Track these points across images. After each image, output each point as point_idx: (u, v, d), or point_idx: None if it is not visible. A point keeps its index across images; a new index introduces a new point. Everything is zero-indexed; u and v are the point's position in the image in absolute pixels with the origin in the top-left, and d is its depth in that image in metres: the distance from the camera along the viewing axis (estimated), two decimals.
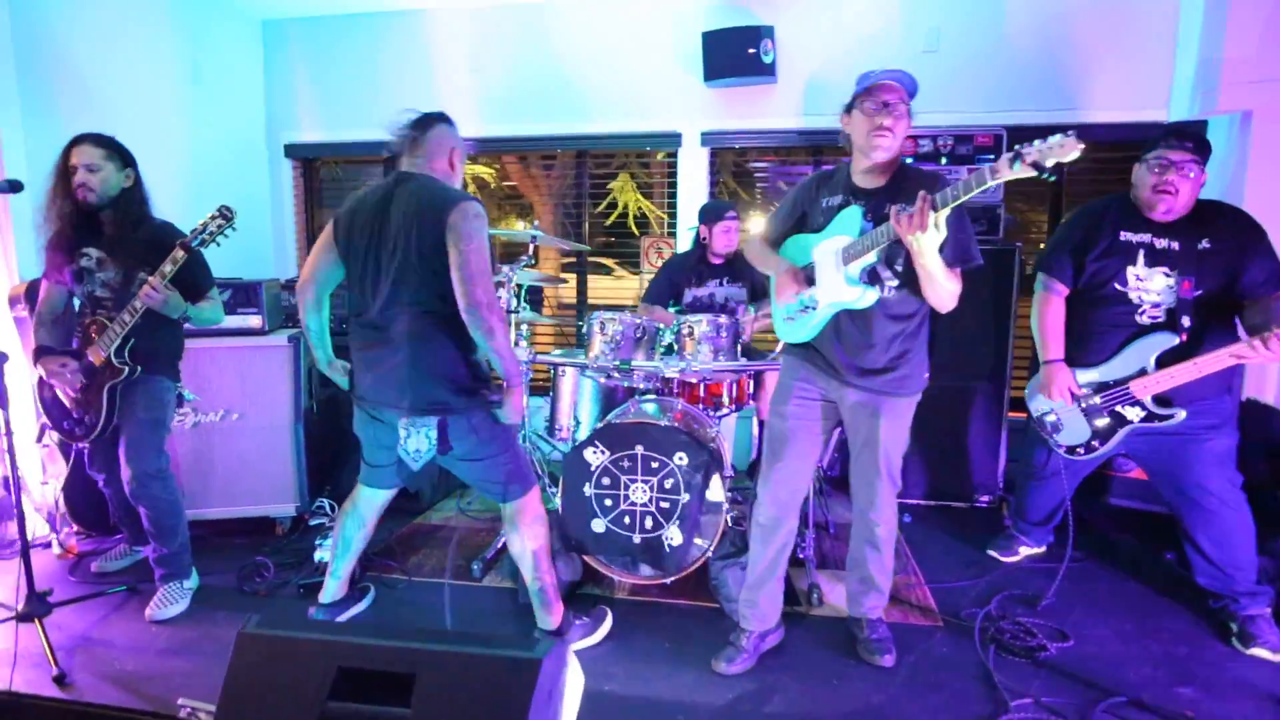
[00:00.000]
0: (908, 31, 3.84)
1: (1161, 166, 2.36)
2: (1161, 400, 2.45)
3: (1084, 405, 2.56)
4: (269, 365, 3.18)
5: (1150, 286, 2.44)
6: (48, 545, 3.07)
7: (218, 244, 2.47)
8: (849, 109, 2.11)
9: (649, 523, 2.72)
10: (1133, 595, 2.77)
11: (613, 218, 5.43)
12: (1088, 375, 2.56)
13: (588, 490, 2.75)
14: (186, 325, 2.67)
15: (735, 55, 3.83)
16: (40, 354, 2.50)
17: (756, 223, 4.46)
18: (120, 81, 3.59)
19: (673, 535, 2.70)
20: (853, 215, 2.07)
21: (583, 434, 3.28)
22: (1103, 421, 2.55)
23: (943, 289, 2.00)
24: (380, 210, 2.13)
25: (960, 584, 2.84)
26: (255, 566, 2.81)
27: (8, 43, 3.09)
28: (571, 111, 4.25)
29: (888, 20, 3.86)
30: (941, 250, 1.99)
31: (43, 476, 3.10)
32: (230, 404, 3.15)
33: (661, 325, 3.13)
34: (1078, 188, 4.02)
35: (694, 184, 4.23)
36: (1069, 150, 1.60)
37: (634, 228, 5.23)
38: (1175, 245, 2.40)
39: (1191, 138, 2.38)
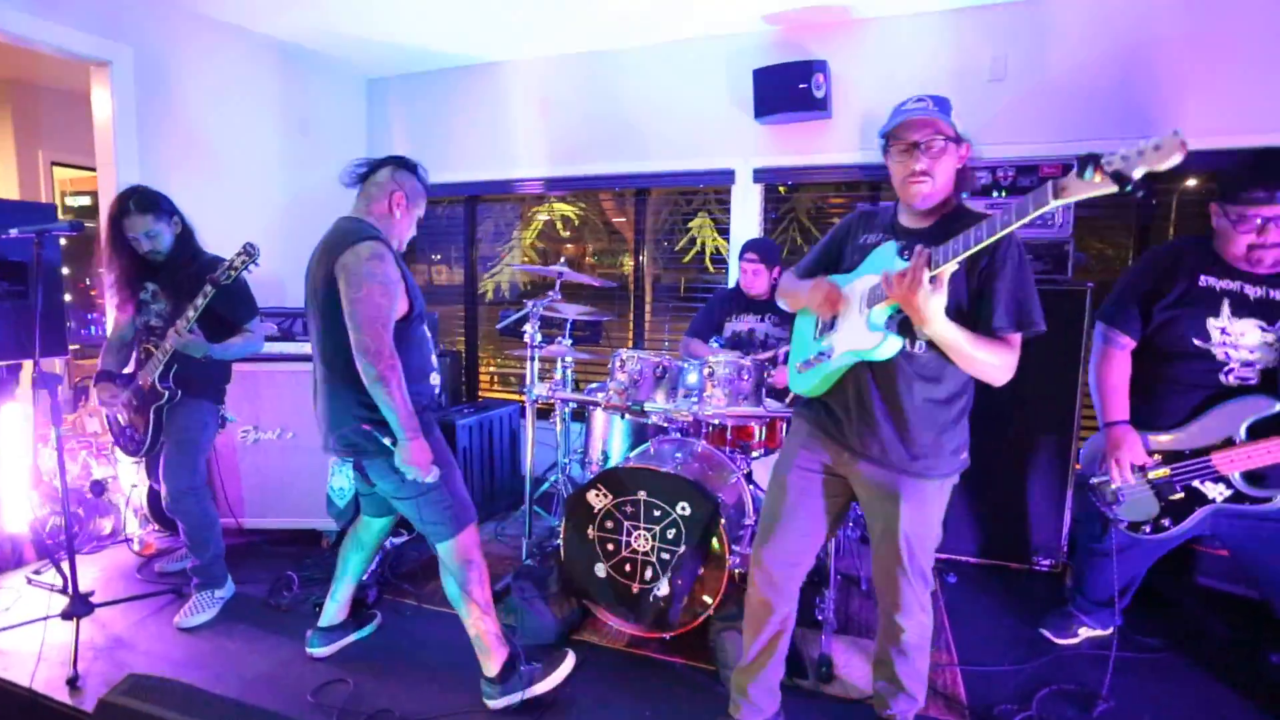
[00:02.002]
0: (970, 60, 3.23)
1: (1255, 227, 1.72)
2: (1255, 478, 1.78)
3: (1151, 476, 1.91)
4: None
5: (1242, 342, 1.78)
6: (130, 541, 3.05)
7: (245, 275, 2.33)
8: (885, 150, 1.62)
9: (649, 573, 2.31)
10: (1221, 703, 2.05)
11: (690, 255, 5.04)
12: (1159, 440, 1.91)
13: (591, 533, 2.37)
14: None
15: (785, 91, 3.36)
16: (99, 378, 2.45)
17: None
18: (231, 134, 3.62)
19: (662, 588, 2.28)
20: (886, 253, 1.56)
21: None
22: (1175, 497, 1.89)
23: (974, 360, 1.47)
24: (314, 256, 1.90)
25: (1001, 669, 2.21)
26: (283, 580, 2.64)
27: (131, 101, 3.14)
28: (631, 151, 3.92)
29: (948, 49, 3.26)
30: (983, 311, 1.49)
31: (135, 480, 3.11)
32: (286, 423, 3.03)
33: (686, 364, 2.71)
34: (1180, 223, 3.20)
35: (746, 220, 3.77)
36: (1167, 154, 1.06)
37: (710, 265, 4.81)
38: (1277, 295, 1.74)
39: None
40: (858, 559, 2.89)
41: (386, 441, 1.84)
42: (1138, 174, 1.09)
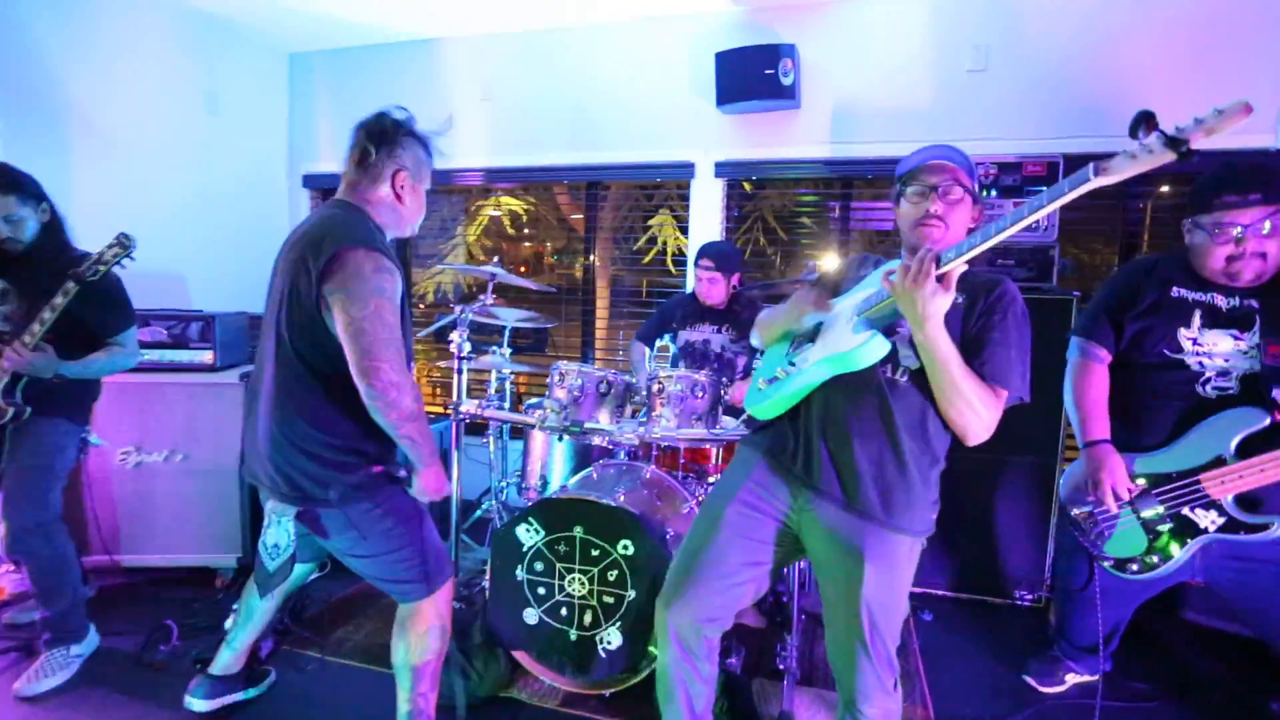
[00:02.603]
0: (950, 48, 3.08)
1: (1231, 238, 1.66)
2: (1247, 502, 1.65)
3: (1137, 505, 1.76)
4: (218, 404, 2.72)
5: (1215, 350, 1.71)
6: None
7: (117, 272, 2.03)
8: (896, 199, 1.51)
9: (588, 618, 2.07)
10: None
11: (650, 255, 4.82)
12: (1144, 464, 1.77)
13: (519, 574, 2.13)
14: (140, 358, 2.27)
15: (751, 77, 3.17)
16: None
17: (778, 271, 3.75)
18: (120, 110, 3.27)
19: (610, 638, 2.04)
20: (878, 272, 1.44)
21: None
22: (1164, 528, 1.75)
23: (958, 392, 1.32)
24: (290, 248, 1.60)
25: None
26: (160, 631, 2.32)
27: None
28: (581, 141, 3.69)
29: (927, 36, 3.11)
30: (972, 357, 1.38)
31: None
32: (176, 444, 2.70)
33: (633, 379, 2.49)
34: (1161, 228, 3.10)
35: (707, 219, 3.57)
36: (1232, 116, 1.00)
37: (672, 267, 4.60)
38: (1253, 303, 1.68)
39: (1255, 179, 1.64)
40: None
41: (331, 494, 1.56)
42: (1198, 138, 1.02)
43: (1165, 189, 3.06)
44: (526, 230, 4.37)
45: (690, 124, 3.48)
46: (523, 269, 4.59)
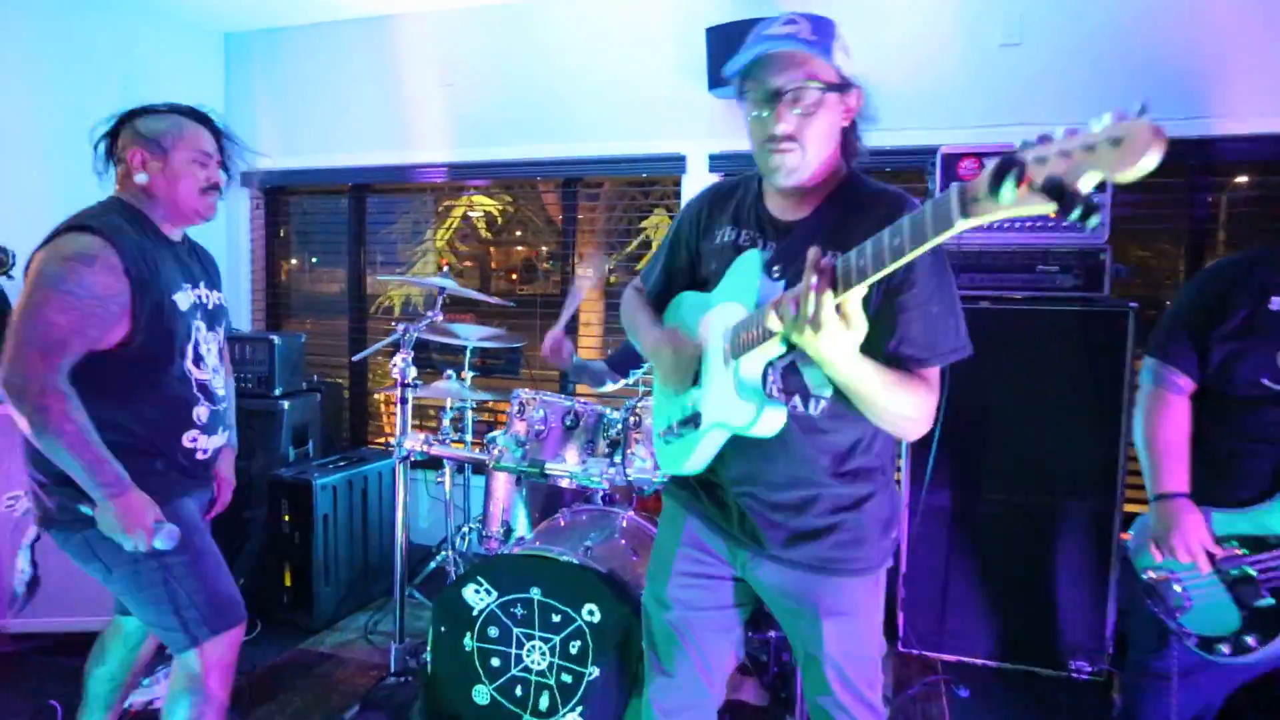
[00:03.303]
0: (978, 20, 3.02)
1: None
2: None
3: (1226, 573, 1.65)
4: None
5: None
6: None
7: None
8: (738, 93, 1.30)
9: (545, 701, 1.97)
10: None
11: (644, 261, 4.77)
12: (1232, 522, 1.66)
13: (468, 643, 2.04)
14: None
15: None
16: None
17: None
18: (20, 101, 3.25)
19: None
20: (749, 267, 1.26)
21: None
22: (1262, 604, 1.62)
23: (883, 412, 1.19)
24: None
25: None
26: (43, 712, 2.24)
27: None
28: (556, 132, 3.64)
29: (951, 7, 3.06)
30: (884, 333, 1.21)
31: None
32: None
33: (609, 411, 2.41)
34: (1238, 224, 3.01)
35: None
36: (1134, 151, 0.71)
37: None
38: None
39: None
40: None
41: (84, 508, 1.53)
42: (1086, 183, 0.76)
43: (1242, 179, 2.98)
44: (512, 234, 4.30)
45: (679, 111, 3.43)
46: (513, 276, 4.53)
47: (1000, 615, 2.71)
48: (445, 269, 2.65)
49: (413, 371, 2.43)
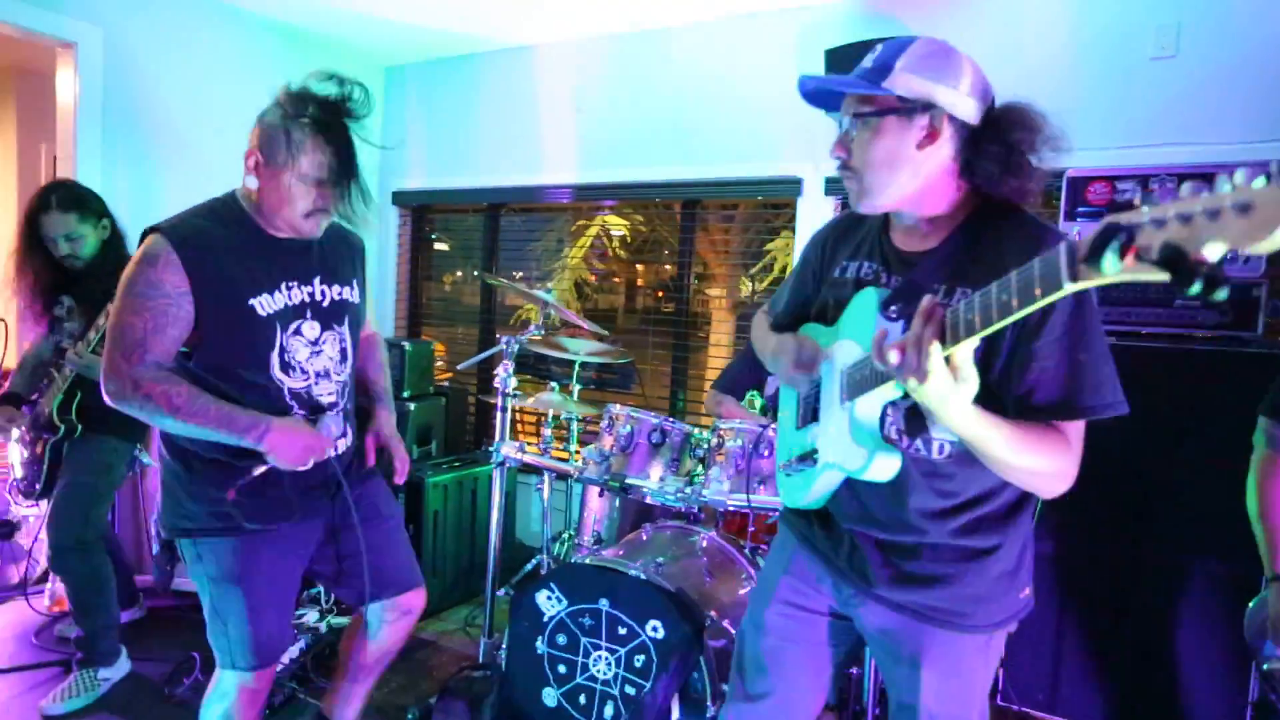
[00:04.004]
0: (1126, 31, 2.77)
1: None
2: None
3: None
4: None
5: None
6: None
7: None
8: None
9: (609, 710, 2.00)
10: None
11: (765, 283, 4.73)
12: None
13: (540, 647, 2.10)
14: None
15: None
16: (1, 399, 2.46)
17: None
18: (217, 125, 3.70)
19: None
20: (866, 306, 1.19)
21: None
22: None
23: (1012, 469, 1.10)
24: None
25: None
26: (184, 664, 2.52)
27: (97, 87, 3.26)
28: (676, 154, 3.69)
29: (1095, 16, 2.83)
30: (1014, 383, 1.12)
31: None
32: None
33: (696, 431, 2.41)
34: None
35: None
36: (1266, 224, 0.61)
37: None
38: None
39: None
40: None
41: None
42: (1211, 254, 0.65)
43: None
44: (653, 253, 4.37)
45: (797, 134, 3.38)
46: (660, 294, 4.61)
47: (1117, 679, 2.45)
48: (550, 286, 2.74)
49: (513, 382, 2.54)
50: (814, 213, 3.41)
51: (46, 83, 3.33)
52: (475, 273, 4.53)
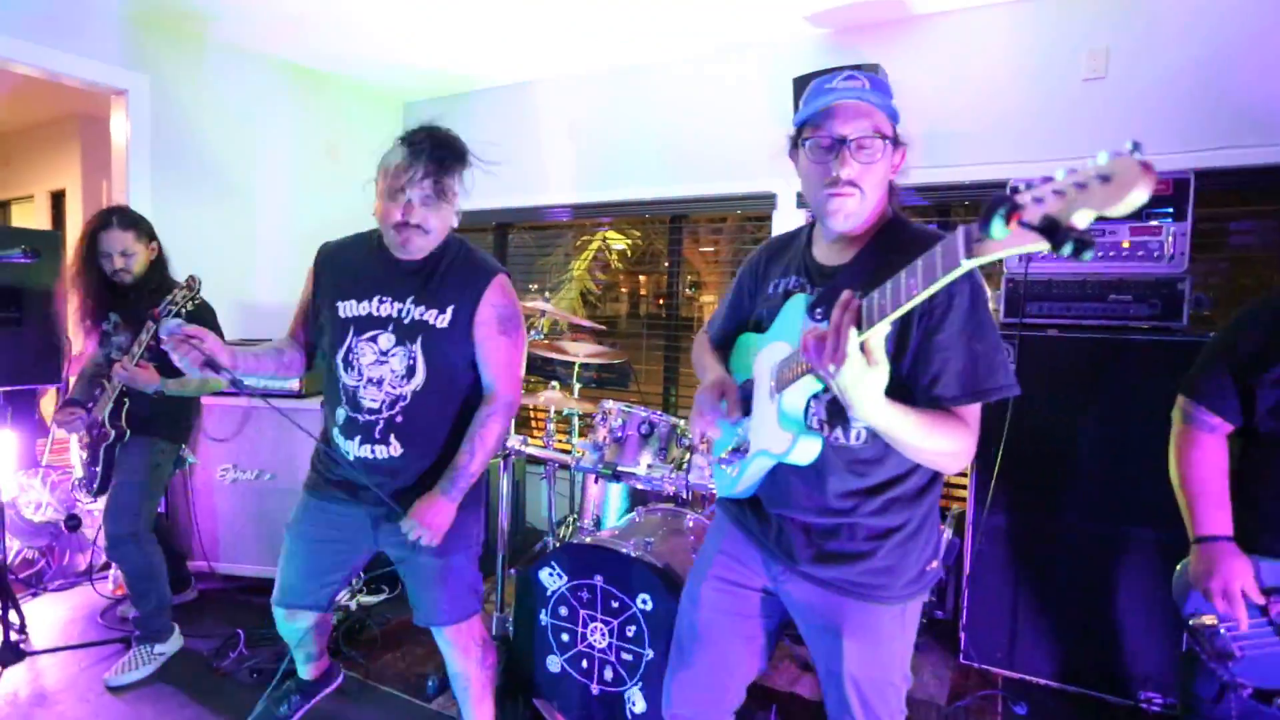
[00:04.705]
0: (1061, 55, 2.74)
1: None
2: None
3: (1277, 621, 1.39)
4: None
5: None
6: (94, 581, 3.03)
7: (184, 313, 2.25)
8: (795, 142, 1.27)
9: (609, 674, 1.97)
10: None
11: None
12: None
13: (543, 619, 2.07)
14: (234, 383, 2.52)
15: None
16: (64, 404, 2.44)
17: None
18: (250, 160, 3.69)
19: (635, 699, 1.93)
20: (795, 310, 1.22)
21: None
22: None
23: (921, 452, 1.10)
24: None
25: None
26: (230, 640, 2.50)
27: (145, 128, 3.25)
28: (663, 174, 3.66)
29: (1033, 43, 2.79)
30: (921, 373, 1.13)
31: None
32: (266, 464, 2.95)
33: (680, 424, 2.38)
34: None
35: None
36: (1123, 187, 0.66)
37: None
38: None
39: None
40: None
41: None
42: (1080, 219, 0.70)
43: None
44: (644, 264, 4.34)
45: (770, 153, 3.34)
46: (661, 300, 4.58)
47: (1066, 638, 2.42)
48: (547, 295, 2.71)
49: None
50: (788, 224, 3.37)
51: (105, 127, 3.32)
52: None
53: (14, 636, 2.22)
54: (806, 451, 1.14)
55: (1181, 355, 2.21)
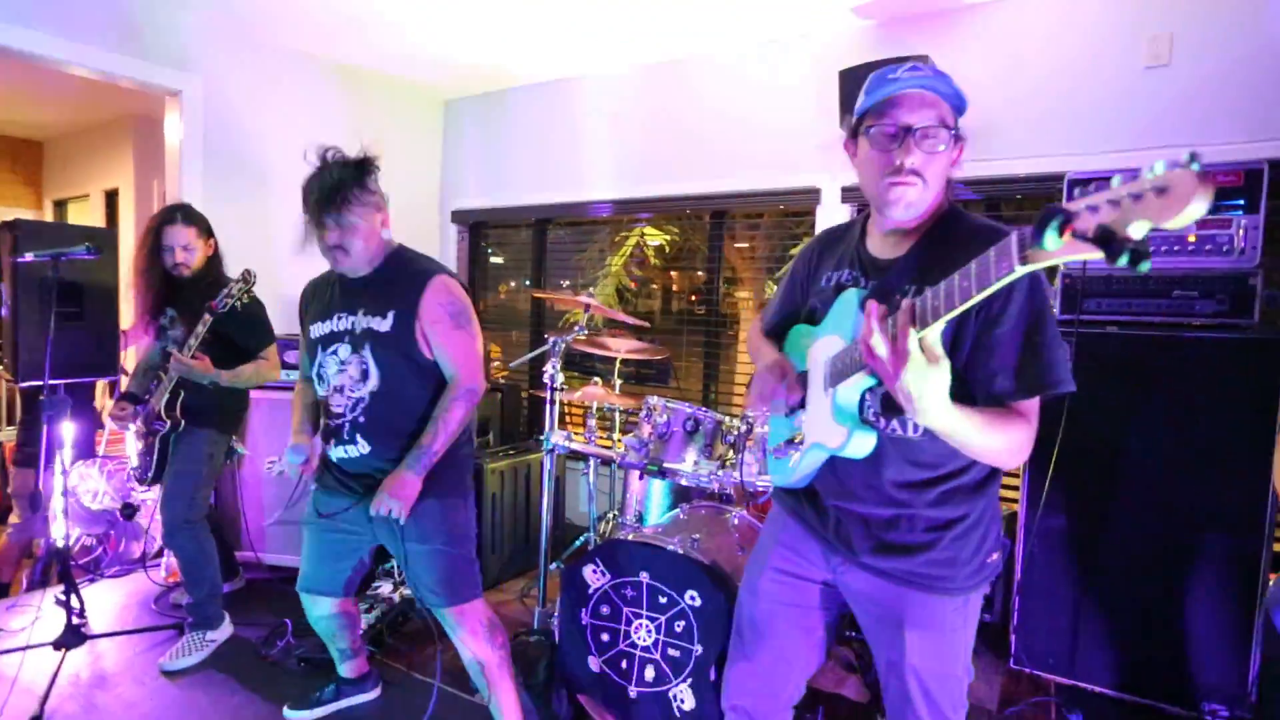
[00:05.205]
0: (1120, 42, 2.66)
1: None
2: None
3: None
4: None
5: None
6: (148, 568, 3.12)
7: (240, 306, 2.32)
8: (854, 133, 1.26)
9: (650, 673, 1.99)
10: None
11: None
12: None
13: (584, 618, 2.09)
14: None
15: None
16: (119, 397, 2.54)
17: None
18: (295, 159, 3.76)
19: (683, 696, 1.94)
20: (848, 304, 1.22)
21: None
22: None
23: (979, 451, 1.09)
24: None
25: None
26: (278, 628, 2.57)
27: (198, 128, 3.36)
28: (705, 170, 3.66)
29: (1091, 29, 2.72)
30: (980, 369, 1.13)
31: None
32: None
33: (725, 420, 2.38)
34: None
35: None
36: (1178, 199, 0.66)
37: None
38: None
39: None
40: None
41: None
42: (1136, 230, 0.69)
43: None
44: (682, 260, 4.34)
45: (814, 147, 3.32)
46: (694, 297, 4.59)
47: (1125, 645, 2.35)
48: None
49: (560, 377, 2.54)
50: (832, 219, 3.34)
51: (157, 127, 3.45)
52: (526, 282, 4.56)
53: (75, 621, 2.31)
54: (861, 445, 1.16)
55: (1251, 354, 2.14)
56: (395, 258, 1.92)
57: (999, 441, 1.08)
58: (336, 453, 1.85)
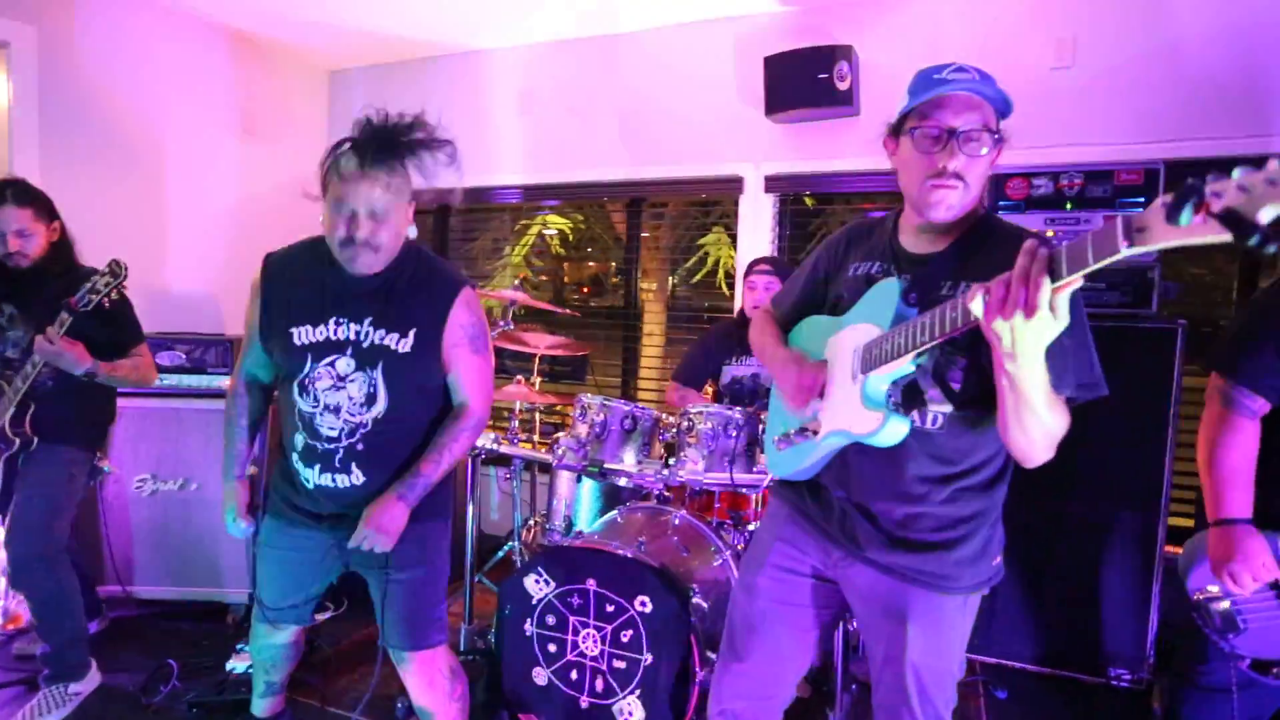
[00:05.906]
0: (1028, 43, 2.87)
1: None
2: None
3: None
4: None
5: None
6: None
7: (107, 303, 2.05)
8: (895, 131, 1.28)
9: (599, 684, 1.94)
10: None
11: (700, 275, 4.70)
12: None
13: (528, 629, 2.01)
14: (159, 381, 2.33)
15: (803, 83, 3.03)
16: None
17: None
18: (160, 130, 3.41)
19: (631, 709, 1.90)
20: (887, 294, 1.23)
21: None
22: None
23: (1041, 425, 1.10)
24: None
25: None
26: (161, 670, 2.31)
27: (32, 88, 2.94)
28: (623, 156, 3.62)
29: (1002, 30, 2.91)
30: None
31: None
32: (191, 473, 2.73)
33: (663, 417, 2.36)
34: None
35: (757, 238, 3.42)
36: None
37: (724, 287, 4.46)
38: None
39: None
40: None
41: None
42: (1267, 216, 0.73)
43: None
44: (583, 250, 4.28)
45: (738, 135, 3.36)
46: (585, 290, 4.52)
47: (1042, 621, 2.55)
48: (519, 282, 2.64)
49: None
50: (754, 209, 3.40)
51: None
52: None
53: None
54: (894, 432, 1.17)
55: (1151, 341, 2.37)
56: (413, 258, 1.63)
57: (1053, 421, 1.09)
58: (319, 479, 1.58)
